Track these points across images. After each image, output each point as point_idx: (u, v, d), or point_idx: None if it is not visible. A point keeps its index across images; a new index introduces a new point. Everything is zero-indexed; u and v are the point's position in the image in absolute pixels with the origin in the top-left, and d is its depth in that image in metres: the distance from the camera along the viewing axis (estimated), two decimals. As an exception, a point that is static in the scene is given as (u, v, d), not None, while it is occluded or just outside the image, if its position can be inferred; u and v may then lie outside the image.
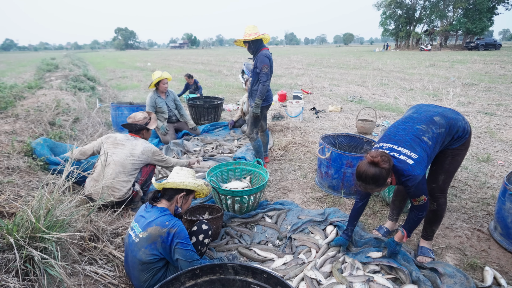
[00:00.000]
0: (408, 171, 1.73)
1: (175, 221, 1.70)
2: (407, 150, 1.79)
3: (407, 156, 1.77)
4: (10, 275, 1.48)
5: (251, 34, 3.20)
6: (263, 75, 3.17)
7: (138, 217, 1.79)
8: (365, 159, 1.76)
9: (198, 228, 1.92)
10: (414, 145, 1.81)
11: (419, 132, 1.85)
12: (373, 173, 1.69)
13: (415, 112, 2.02)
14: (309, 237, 2.35)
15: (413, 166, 1.74)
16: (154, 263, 1.67)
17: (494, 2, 37.46)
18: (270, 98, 3.45)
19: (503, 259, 2.13)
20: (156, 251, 1.65)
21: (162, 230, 1.64)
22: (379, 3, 46.46)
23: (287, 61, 21.92)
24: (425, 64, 17.04)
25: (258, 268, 1.43)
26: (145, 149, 2.72)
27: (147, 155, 2.73)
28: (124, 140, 2.73)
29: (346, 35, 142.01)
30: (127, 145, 2.70)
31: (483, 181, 3.25)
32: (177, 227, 1.67)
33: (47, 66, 14.30)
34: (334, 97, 8.29)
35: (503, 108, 6.53)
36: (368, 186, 1.76)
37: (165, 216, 1.71)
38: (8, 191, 2.16)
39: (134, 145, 2.71)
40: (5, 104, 4.25)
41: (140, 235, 1.67)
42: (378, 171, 1.69)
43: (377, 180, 1.70)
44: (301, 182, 3.39)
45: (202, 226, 1.93)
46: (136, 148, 2.70)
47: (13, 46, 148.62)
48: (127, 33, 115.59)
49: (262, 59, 3.17)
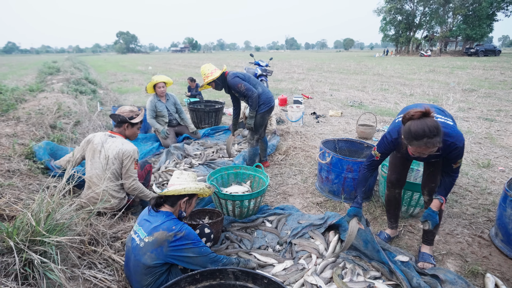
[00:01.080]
0: (454, 130, 1.73)
1: (181, 225, 1.70)
2: (440, 115, 1.81)
3: (444, 118, 1.77)
4: (9, 278, 1.47)
5: (212, 72, 3.22)
6: (245, 91, 3.19)
7: (142, 221, 1.77)
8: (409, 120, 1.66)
9: (200, 232, 1.94)
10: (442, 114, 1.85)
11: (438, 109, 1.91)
12: (432, 122, 1.59)
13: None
14: (309, 242, 2.34)
15: (454, 127, 1.74)
16: (158, 267, 1.67)
17: (494, 9, 37.72)
18: (271, 101, 3.39)
19: (504, 266, 2.12)
20: (162, 255, 1.64)
21: (169, 234, 1.64)
22: (379, 9, 46.82)
23: (287, 66, 22.01)
24: (425, 69, 17.11)
25: (258, 273, 1.43)
26: (119, 152, 2.39)
27: (119, 160, 2.39)
28: (100, 144, 2.44)
29: (346, 40, 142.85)
30: (102, 152, 2.42)
31: (483, 187, 3.24)
32: (185, 230, 1.67)
33: (49, 69, 14.35)
34: (334, 102, 8.31)
35: (503, 114, 6.54)
36: (435, 140, 1.60)
37: (171, 221, 1.70)
38: (9, 194, 2.16)
39: (108, 148, 2.41)
40: (6, 106, 4.26)
41: (145, 240, 1.66)
42: (434, 121, 1.61)
43: (439, 130, 1.59)
44: (301, 187, 3.39)
45: (204, 230, 1.95)
46: (110, 151, 2.39)
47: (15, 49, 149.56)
48: (129, 37, 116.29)
49: (235, 81, 3.20)
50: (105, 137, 2.50)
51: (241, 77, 3.23)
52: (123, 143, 2.46)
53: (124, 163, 2.41)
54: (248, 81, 3.28)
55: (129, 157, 2.41)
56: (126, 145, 2.44)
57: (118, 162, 2.40)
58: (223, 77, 3.28)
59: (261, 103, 3.32)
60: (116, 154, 2.39)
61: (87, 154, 2.49)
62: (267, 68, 8.07)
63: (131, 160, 2.42)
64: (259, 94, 3.31)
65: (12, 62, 33.37)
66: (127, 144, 2.46)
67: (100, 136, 2.50)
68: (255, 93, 3.20)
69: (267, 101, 3.35)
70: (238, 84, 3.17)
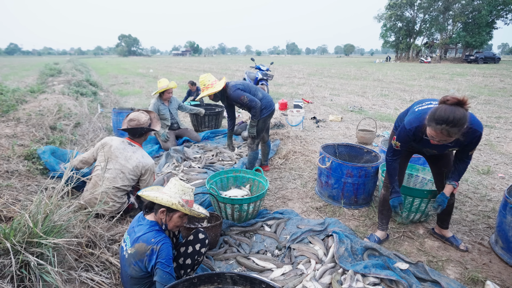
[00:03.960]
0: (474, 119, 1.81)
1: (161, 238, 1.59)
2: None
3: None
4: (5, 280, 1.46)
5: (212, 83, 3.18)
6: (249, 102, 3.17)
7: (130, 229, 1.72)
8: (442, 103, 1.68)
9: (194, 237, 1.84)
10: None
11: None
12: (461, 114, 1.60)
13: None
14: (308, 247, 2.32)
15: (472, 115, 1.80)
16: (144, 278, 1.63)
17: (493, 17, 38.02)
18: (271, 105, 3.40)
19: (504, 273, 2.11)
20: (144, 268, 1.58)
21: (147, 248, 1.56)
22: (379, 16, 47.17)
23: (288, 71, 22.10)
24: (425, 76, 17.18)
25: (256, 278, 1.41)
26: (138, 165, 2.46)
27: (136, 172, 2.47)
28: (119, 150, 2.45)
29: (347, 46, 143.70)
30: (120, 158, 2.43)
31: (483, 194, 3.23)
32: (161, 244, 1.56)
33: (50, 71, 14.41)
34: (334, 107, 8.33)
35: (502, 121, 6.55)
36: (452, 130, 1.63)
37: (152, 232, 1.62)
38: (7, 195, 2.15)
39: (128, 158, 2.45)
40: (7, 107, 4.27)
41: (129, 251, 1.61)
42: (465, 113, 1.62)
43: (463, 123, 1.61)
44: (301, 191, 3.38)
45: (198, 235, 1.85)
46: (130, 162, 2.44)
47: (17, 51, 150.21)
48: (131, 40, 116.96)
49: (236, 96, 3.17)
50: (123, 144, 2.48)
51: (241, 89, 3.21)
52: (143, 155, 2.52)
53: (144, 176, 2.52)
54: (249, 91, 3.26)
55: (149, 170, 2.52)
56: (146, 158, 2.51)
57: (136, 173, 2.47)
58: (223, 89, 3.26)
59: (262, 108, 3.32)
60: (136, 166, 2.45)
61: (101, 157, 2.45)
62: (267, 72, 8.11)
63: (151, 174, 2.55)
64: (265, 97, 3.34)
65: (14, 64, 33.49)
66: (147, 157, 2.53)
67: (119, 143, 2.49)
68: (258, 103, 3.19)
69: (268, 105, 3.36)
70: (241, 97, 3.15)
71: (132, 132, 2.56)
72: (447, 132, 1.65)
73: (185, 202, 1.70)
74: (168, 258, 1.56)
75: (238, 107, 3.41)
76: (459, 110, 1.62)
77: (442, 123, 1.63)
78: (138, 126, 2.53)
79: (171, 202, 1.63)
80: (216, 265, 2.17)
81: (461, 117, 1.61)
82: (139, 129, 2.52)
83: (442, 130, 1.65)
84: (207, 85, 3.20)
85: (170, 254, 1.57)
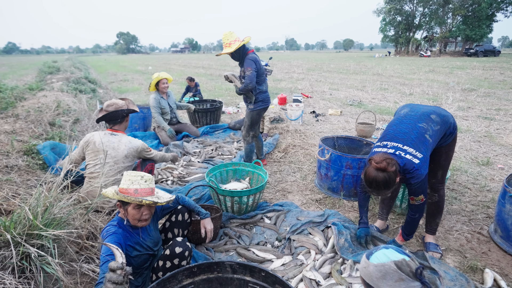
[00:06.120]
0: (415, 169, 1.76)
1: (110, 231, 1.54)
2: (412, 149, 1.82)
3: (413, 156, 1.79)
4: (6, 272, 1.47)
5: (231, 43, 3.10)
6: (246, 77, 3.13)
7: None
8: (370, 166, 1.75)
9: (171, 252, 1.65)
10: (418, 144, 1.84)
11: (422, 131, 1.88)
12: (382, 178, 1.70)
13: (412, 111, 2.07)
14: (308, 238, 2.33)
15: (419, 165, 1.77)
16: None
17: (493, 10, 37.77)
18: (268, 101, 3.43)
19: (503, 261, 2.12)
20: None
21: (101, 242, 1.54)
22: (379, 10, 46.88)
23: (287, 66, 22.02)
24: (424, 69, 17.12)
25: (256, 266, 1.42)
26: (130, 151, 2.44)
27: (132, 156, 2.47)
28: (104, 144, 2.39)
29: (346, 41, 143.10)
30: (108, 151, 2.38)
31: (483, 184, 3.24)
32: (105, 238, 1.50)
33: (49, 69, 14.37)
34: (334, 101, 8.31)
35: (502, 113, 6.54)
36: (380, 192, 1.76)
37: (108, 227, 1.59)
38: (7, 189, 2.15)
39: (116, 148, 2.41)
40: (5, 104, 4.26)
41: None
42: (387, 175, 1.69)
43: (388, 184, 1.71)
44: (300, 184, 3.38)
45: (175, 249, 1.65)
46: (119, 151, 2.41)
47: (15, 49, 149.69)
48: (129, 38, 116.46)
49: (248, 63, 3.12)
50: (106, 137, 2.44)
51: (256, 65, 3.16)
52: (130, 140, 2.50)
53: (141, 155, 2.57)
54: (258, 73, 3.23)
55: (142, 149, 2.56)
56: (133, 142, 2.51)
57: (131, 158, 2.48)
58: (243, 51, 3.19)
59: (260, 100, 3.34)
60: (128, 153, 2.44)
61: (89, 155, 2.42)
62: (266, 67, 8.06)
63: (145, 150, 2.58)
64: (260, 91, 3.32)
65: (13, 62, 33.38)
66: (134, 141, 2.52)
67: (101, 136, 2.43)
68: (250, 86, 3.14)
69: (265, 99, 3.40)
70: (248, 67, 3.12)
71: (113, 118, 2.48)
72: (377, 193, 1.79)
73: (133, 191, 1.56)
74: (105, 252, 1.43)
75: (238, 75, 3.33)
76: (380, 175, 1.70)
77: (369, 186, 1.77)
78: (118, 109, 2.47)
79: (110, 193, 1.58)
80: (217, 256, 2.18)
81: (383, 181, 1.70)
82: (119, 111, 2.46)
83: (372, 192, 1.80)
84: (225, 44, 3.14)
85: (105, 251, 1.44)
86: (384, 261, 1.12)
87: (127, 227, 1.62)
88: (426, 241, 2.24)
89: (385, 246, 1.19)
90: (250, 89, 3.20)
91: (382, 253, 1.16)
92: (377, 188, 1.73)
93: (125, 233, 1.58)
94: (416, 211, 1.93)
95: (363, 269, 1.19)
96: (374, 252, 1.19)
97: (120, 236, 1.54)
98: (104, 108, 2.50)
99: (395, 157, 1.80)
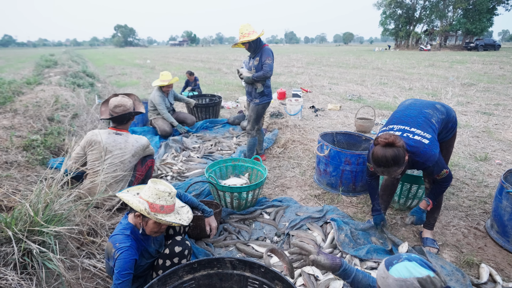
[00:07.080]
0: (426, 151, 1.76)
1: (124, 245, 1.49)
2: (420, 130, 1.83)
3: (421, 136, 1.80)
4: (8, 268, 1.48)
5: (249, 33, 3.23)
6: (266, 65, 3.24)
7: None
8: (376, 145, 1.73)
9: (170, 251, 1.67)
10: (425, 126, 1.85)
11: (428, 116, 1.91)
12: (391, 154, 1.66)
13: (417, 101, 2.11)
14: (307, 234, 2.36)
15: (429, 145, 1.76)
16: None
17: (494, 3, 37.50)
18: (271, 95, 3.54)
19: (499, 256, 2.15)
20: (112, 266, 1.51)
21: (112, 250, 1.49)
22: (379, 3, 46.47)
23: (286, 60, 21.89)
24: (424, 64, 17.06)
25: (255, 262, 1.44)
26: (137, 150, 2.42)
27: (139, 154, 2.48)
28: (110, 144, 2.34)
29: (346, 35, 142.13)
30: (114, 151, 2.34)
31: (480, 180, 3.26)
32: (120, 253, 1.46)
33: (46, 62, 14.25)
34: (333, 96, 8.30)
35: (501, 108, 6.55)
36: (391, 170, 1.70)
37: (121, 236, 1.53)
38: (7, 185, 2.16)
39: (123, 148, 2.37)
40: (3, 99, 4.24)
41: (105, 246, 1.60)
42: (396, 150, 1.66)
43: (398, 160, 1.67)
44: (299, 180, 3.40)
45: (174, 248, 1.67)
46: (127, 151, 2.38)
47: (11, 42, 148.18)
48: (127, 30, 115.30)
49: (268, 53, 3.27)
50: (112, 136, 2.38)
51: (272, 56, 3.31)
52: (136, 139, 2.49)
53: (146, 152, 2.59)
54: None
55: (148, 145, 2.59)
56: (140, 140, 2.51)
57: (137, 157, 2.50)
58: (260, 42, 3.33)
59: (266, 94, 3.46)
60: (135, 152, 2.43)
61: (93, 156, 2.36)
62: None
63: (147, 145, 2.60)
64: (268, 86, 3.47)
65: (9, 56, 33.04)
66: (139, 139, 2.52)
67: (105, 136, 2.37)
68: (269, 73, 3.27)
69: (269, 94, 3.53)
70: (269, 57, 3.25)
71: (119, 120, 2.40)
72: (387, 171, 1.73)
73: (159, 207, 1.56)
74: (122, 269, 1.43)
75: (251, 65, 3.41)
76: (390, 151, 1.66)
77: (378, 165, 1.72)
78: (126, 112, 2.37)
79: (139, 208, 1.52)
80: (216, 251, 2.20)
81: (393, 157, 1.66)
82: (127, 114, 2.37)
83: (382, 171, 1.74)
84: (244, 34, 3.25)
85: (126, 266, 1.44)
86: (406, 276, 0.98)
87: (140, 235, 1.62)
88: (424, 236, 2.27)
89: (408, 257, 1.02)
90: (268, 77, 3.32)
91: (404, 266, 1.01)
92: (387, 166, 1.67)
93: (136, 244, 1.58)
94: (447, 180, 1.92)
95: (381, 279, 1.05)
96: (394, 263, 1.04)
97: (135, 251, 1.53)
98: (111, 109, 2.41)
99: (403, 138, 1.78)
